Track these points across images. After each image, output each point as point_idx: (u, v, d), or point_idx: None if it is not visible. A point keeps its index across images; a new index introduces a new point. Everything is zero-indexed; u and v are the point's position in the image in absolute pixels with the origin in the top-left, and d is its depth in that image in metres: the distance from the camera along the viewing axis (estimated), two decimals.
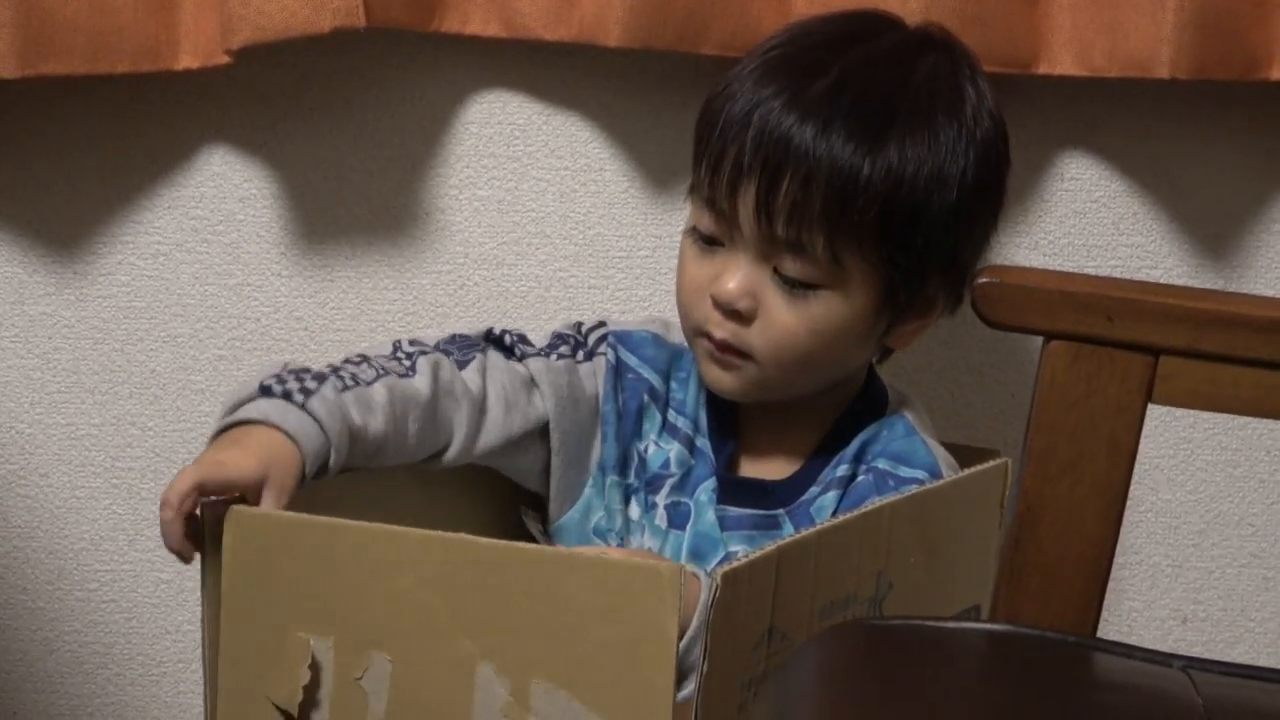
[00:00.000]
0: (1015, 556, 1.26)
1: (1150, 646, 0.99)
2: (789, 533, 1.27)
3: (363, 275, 1.50)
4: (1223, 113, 1.49)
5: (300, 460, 1.15)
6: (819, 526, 1.10)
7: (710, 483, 1.31)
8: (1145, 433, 1.26)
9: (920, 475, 1.26)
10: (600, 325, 1.34)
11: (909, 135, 1.24)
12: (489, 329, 1.32)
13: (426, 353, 1.27)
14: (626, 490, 1.32)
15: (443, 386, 1.25)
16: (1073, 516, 1.26)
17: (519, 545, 1.06)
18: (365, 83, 1.48)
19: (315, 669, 1.07)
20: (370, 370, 1.23)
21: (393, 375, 1.23)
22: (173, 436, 1.52)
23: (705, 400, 1.33)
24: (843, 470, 1.28)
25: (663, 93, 1.48)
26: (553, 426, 1.30)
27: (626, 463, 1.32)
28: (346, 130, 1.49)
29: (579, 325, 1.35)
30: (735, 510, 1.30)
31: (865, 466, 1.28)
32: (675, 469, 1.32)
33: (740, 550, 1.26)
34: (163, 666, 1.55)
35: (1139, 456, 1.26)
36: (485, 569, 1.04)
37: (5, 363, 1.51)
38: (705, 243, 1.28)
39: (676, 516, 1.31)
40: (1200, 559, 1.55)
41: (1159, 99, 1.48)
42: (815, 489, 1.29)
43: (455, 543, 1.05)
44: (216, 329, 1.51)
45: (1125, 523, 1.27)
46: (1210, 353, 1.24)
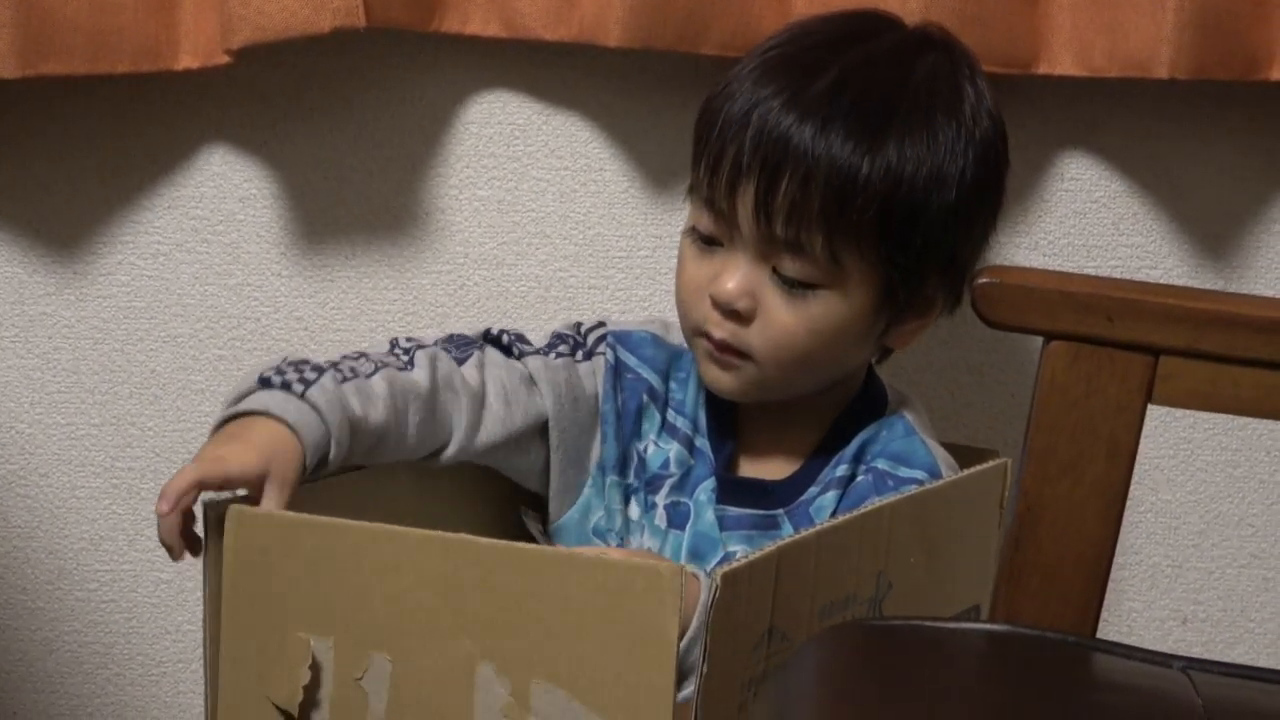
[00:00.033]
0: (1015, 557, 1.26)
1: (1150, 647, 0.99)
2: (788, 533, 1.27)
3: (363, 275, 1.50)
4: (1223, 113, 1.49)
5: (301, 452, 1.15)
6: (819, 527, 1.10)
7: (710, 483, 1.31)
8: (1145, 433, 1.26)
9: (920, 475, 1.26)
10: (600, 325, 1.34)
11: (908, 135, 1.24)
12: (487, 329, 1.32)
13: (424, 347, 1.27)
14: (626, 490, 1.32)
15: (442, 380, 1.25)
16: (1073, 516, 1.26)
17: (519, 545, 1.06)
18: (365, 83, 1.48)
19: (315, 669, 1.07)
20: (369, 364, 1.23)
21: (391, 368, 1.23)
22: (173, 436, 1.52)
23: (704, 400, 1.33)
24: (842, 470, 1.28)
25: (663, 93, 1.48)
26: (552, 424, 1.30)
27: (626, 463, 1.32)
28: (346, 130, 1.49)
29: (578, 325, 1.34)
30: (734, 510, 1.30)
31: (865, 467, 1.28)
32: (675, 469, 1.32)
33: (739, 550, 1.26)
34: (163, 666, 1.55)
35: (1139, 457, 1.26)
36: (485, 569, 1.04)
37: (5, 363, 1.51)
38: (704, 243, 1.27)
39: (676, 516, 1.31)
40: (1200, 559, 1.55)
41: (1159, 99, 1.48)
42: (814, 489, 1.29)
43: (455, 543, 1.05)
44: (216, 329, 1.51)
45: (1125, 523, 1.27)
46: (1210, 353, 1.24)
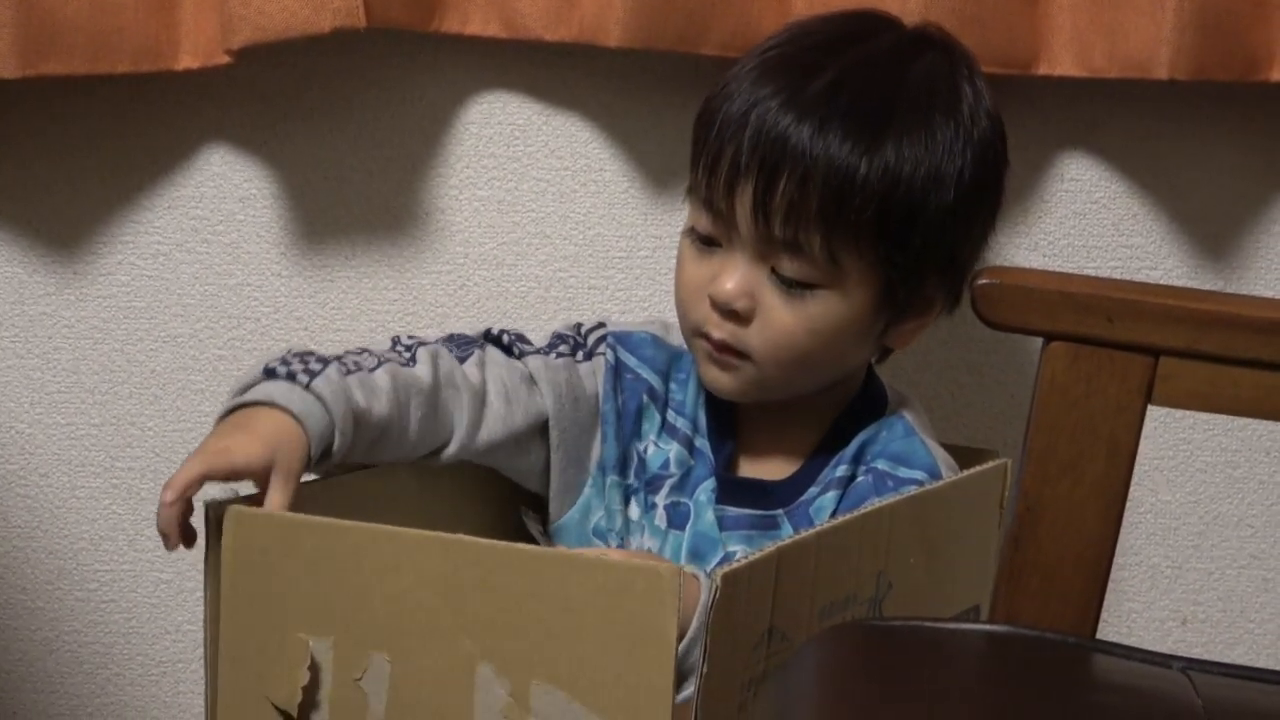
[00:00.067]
0: (1015, 557, 1.26)
1: (1150, 647, 0.99)
2: (788, 533, 1.27)
3: (363, 275, 1.50)
4: (1223, 113, 1.49)
5: (306, 442, 1.15)
6: (819, 527, 1.11)
7: (709, 483, 1.31)
8: (1145, 433, 1.26)
9: (919, 476, 1.26)
10: (600, 326, 1.34)
11: (906, 135, 1.24)
12: (488, 329, 1.32)
13: (426, 344, 1.27)
14: (626, 490, 1.32)
15: (443, 376, 1.25)
16: (1072, 517, 1.26)
17: (519, 546, 1.06)
18: (365, 83, 1.48)
19: (315, 669, 1.07)
20: (372, 359, 1.23)
21: (394, 363, 1.23)
22: (173, 436, 1.52)
23: (704, 401, 1.33)
24: (842, 471, 1.28)
25: (663, 93, 1.48)
26: (552, 423, 1.30)
27: (626, 463, 1.32)
28: (346, 130, 1.49)
29: (579, 326, 1.34)
30: (734, 510, 1.30)
31: (864, 467, 1.28)
32: (675, 469, 1.32)
33: (739, 550, 1.26)
34: (163, 666, 1.55)
35: (1139, 457, 1.26)
36: (485, 569, 1.04)
37: (5, 363, 1.51)
38: (703, 243, 1.27)
39: (676, 517, 1.31)
40: (1200, 560, 1.55)
41: (1159, 99, 1.48)
42: (814, 489, 1.29)
43: (455, 543, 1.05)
44: (216, 329, 1.51)
45: (1125, 523, 1.27)
46: (1210, 353, 1.24)
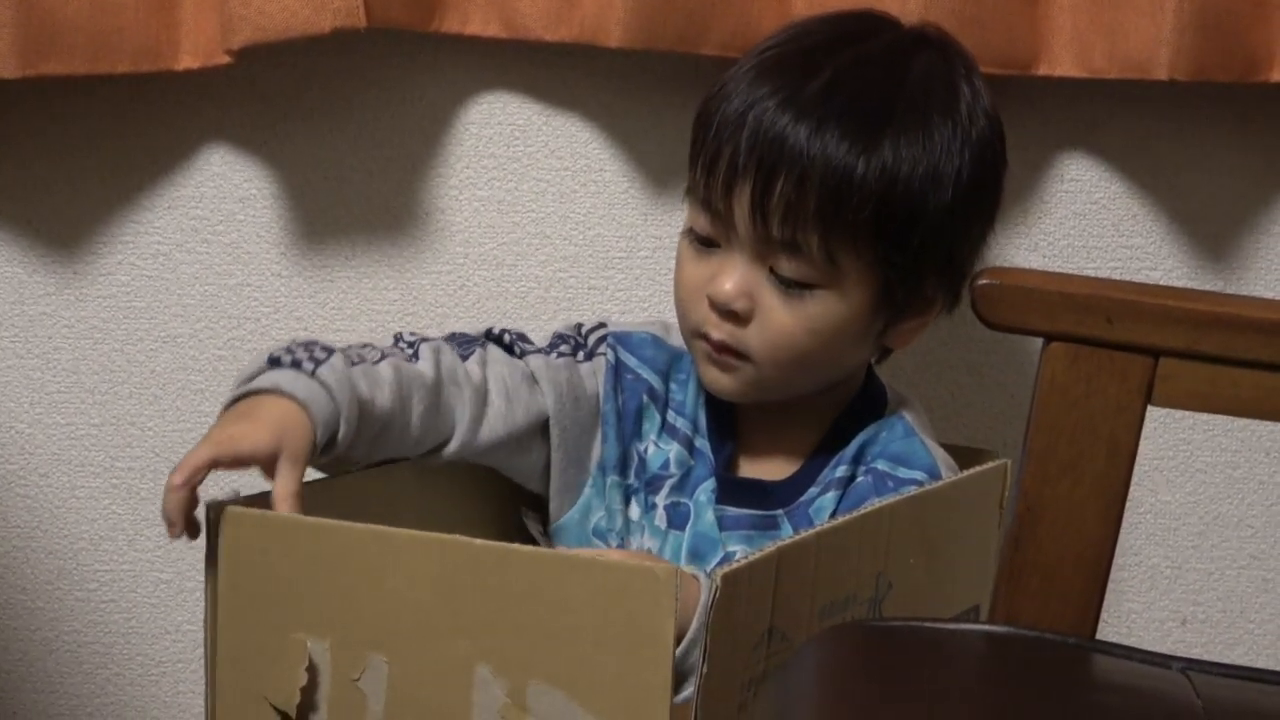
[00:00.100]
0: (1015, 557, 1.26)
1: (1149, 648, 0.99)
2: (788, 533, 1.27)
3: (363, 275, 1.50)
4: (1223, 114, 1.49)
5: (311, 428, 1.14)
6: (819, 527, 1.10)
7: (709, 483, 1.31)
8: (1145, 434, 1.26)
9: (919, 476, 1.26)
10: (600, 326, 1.34)
11: (903, 134, 1.24)
12: (489, 328, 1.32)
13: (428, 341, 1.27)
14: (626, 491, 1.32)
15: (446, 372, 1.25)
16: (1072, 517, 1.26)
17: (517, 546, 1.06)
18: (365, 83, 1.48)
19: (313, 670, 1.07)
20: (376, 352, 1.23)
21: (397, 358, 1.23)
22: (173, 436, 1.52)
23: (704, 401, 1.33)
24: (842, 471, 1.28)
25: (663, 93, 1.48)
26: (553, 423, 1.30)
27: (626, 463, 1.32)
28: (346, 130, 1.49)
29: (579, 326, 1.35)
30: (734, 511, 1.30)
31: (864, 467, 1.28)
32: (675, 469, 1.32)
33: (739, 550, 1.26)
34: (163, 666, 1.55)
35: (1139, 457, 1.26)
36: (483, 570, 1.04)
37: (5, 363, 1.51)
38: (701, 244, 1.27)
39: (676, 517, 1.31)
40: (1199, 560, 1.55)
41: (1159, 100, 1.48)
42: (814, 489, 1.29)
43: (453, 544, 1.05)
44: (216, 329, 1.51)
45: (1125, 524, 1.27)
46: (1210, 354, 1.23)
